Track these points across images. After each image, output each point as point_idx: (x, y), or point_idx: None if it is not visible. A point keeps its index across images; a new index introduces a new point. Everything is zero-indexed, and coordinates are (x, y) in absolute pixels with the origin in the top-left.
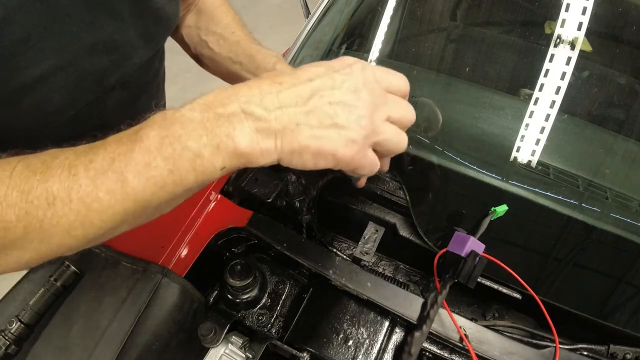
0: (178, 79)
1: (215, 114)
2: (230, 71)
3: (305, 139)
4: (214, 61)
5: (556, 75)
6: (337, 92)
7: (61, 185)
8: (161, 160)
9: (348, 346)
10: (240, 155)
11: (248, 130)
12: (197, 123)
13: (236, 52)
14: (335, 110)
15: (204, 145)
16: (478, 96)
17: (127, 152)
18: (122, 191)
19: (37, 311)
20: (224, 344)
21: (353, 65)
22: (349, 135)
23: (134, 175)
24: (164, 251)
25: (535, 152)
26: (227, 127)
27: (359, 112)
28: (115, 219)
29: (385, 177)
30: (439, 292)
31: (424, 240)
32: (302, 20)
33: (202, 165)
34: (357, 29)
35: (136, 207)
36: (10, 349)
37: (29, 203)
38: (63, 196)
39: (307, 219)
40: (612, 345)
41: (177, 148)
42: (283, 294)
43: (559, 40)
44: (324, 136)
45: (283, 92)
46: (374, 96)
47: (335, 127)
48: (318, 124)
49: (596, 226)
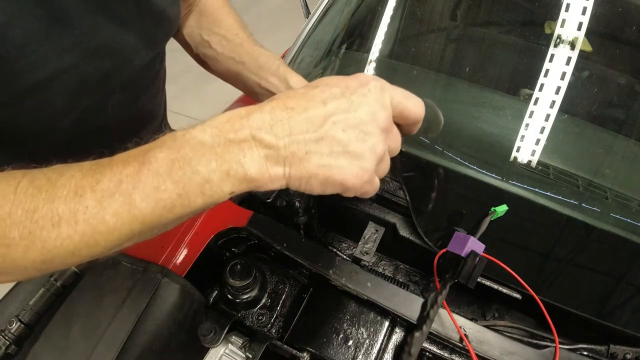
0: (178, 79)
1: (226, 139)
2: (232, 71)
3: (314, 167)
4: (216, 60)
5: (556, 75)
6: (351, 117)
7: (67, 207)
8: (170, 183)
9: (348, 346)
10: (249, 181)
11: (257, 157)
12: (208, 147)
13: (239, 53)
14: (348, 137)
15: (213, 171)
16: (478, 96)
17: (134, 173)
18: (129, 214)
19: (37, 311)
20: (224, 344)
21: (371, 85)
22: (361, 165)
23: (142, 198)
24: (164, 251)
25: (535, 152)
26: (238, 153)
27: (373, 140)
28: (121, 239)
29: (385, 177)
30: (439, 292)
31: (424, 240)
32: (302, 20)
33: (211, 189)
34: (357, 29)
35: (142, 228)
36: (10, 349)
37: (34, 223)
38: (68, 217)
39: (304, 220)
40: (612, 345)
41: (187, 172)
42: (283, 294)
43: (559, 40)
44: (334, 165)
45: (294, 118)
46: (388, 122)
47: (347, 154)
48: (329, 152)
49: (596, 226)
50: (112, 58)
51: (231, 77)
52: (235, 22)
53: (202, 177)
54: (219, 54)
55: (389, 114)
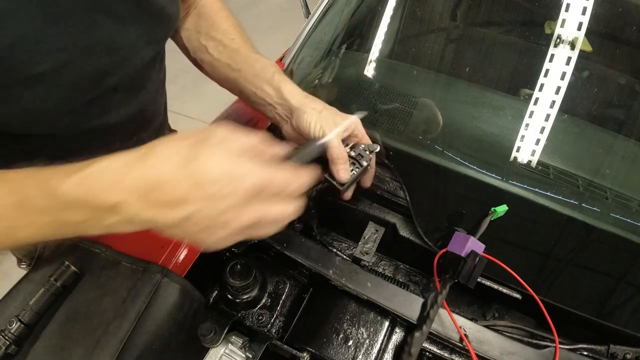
0: (178, 79)
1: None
2: (229, 78)
3: (186, 236)
4: (213, 67)
5: (556, 75)
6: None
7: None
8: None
9: (348, 346)
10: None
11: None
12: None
13: (235, 60)
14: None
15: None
16: (478, 96)
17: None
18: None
19: (37, 311)
20: (224, 344)
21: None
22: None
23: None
24: (164, 251)
25: (535, 152)
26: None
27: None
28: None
29: (385, 177)
30: (439, 292)
31: (424, 240)
32: (302, 20)
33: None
34: (357, 29)
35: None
36: (10, 349)
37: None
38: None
39: (303, 221)
40: (612, 345)
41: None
42: (283, 294)
43: (559, 40)
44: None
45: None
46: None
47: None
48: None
49: (596, 226)
50: (111, 56)
51: (228, 85)
52: (232, 27)
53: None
54: (215, 60)
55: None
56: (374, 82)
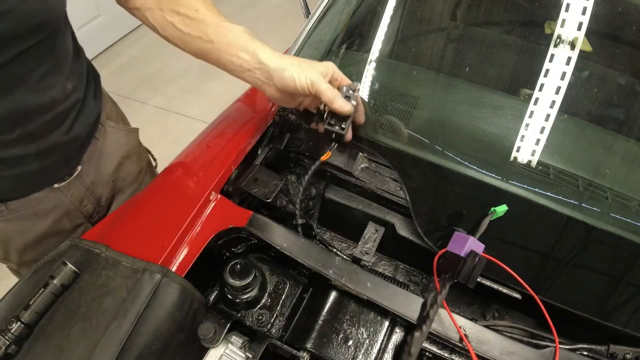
0: (178, 79)
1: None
2: (203, 50)
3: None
4: (185, 41)
5: (556, 75)
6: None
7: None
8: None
9: (348, 346)
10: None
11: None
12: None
13: (206, 32)
14: None
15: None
16: (478, 96)
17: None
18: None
19: (37, 311)
20: (224, 344)
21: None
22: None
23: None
24: (164, 251)
25: (535, 152)
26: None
27: None
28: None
29: (385, 177)
30: (439, 292)
31: (423, 240)
32: (302, 20)
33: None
34: (357, 29)
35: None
36: (10, 349)
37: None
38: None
39: (304, 221)
40: (612, 345)
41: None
42: (283, 294)
43: (559, 40)
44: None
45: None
46: None
47: None
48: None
49: (596, 226)
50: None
51: (203, 56)
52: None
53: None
54: (185, 35)
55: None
56: (374, 82)
